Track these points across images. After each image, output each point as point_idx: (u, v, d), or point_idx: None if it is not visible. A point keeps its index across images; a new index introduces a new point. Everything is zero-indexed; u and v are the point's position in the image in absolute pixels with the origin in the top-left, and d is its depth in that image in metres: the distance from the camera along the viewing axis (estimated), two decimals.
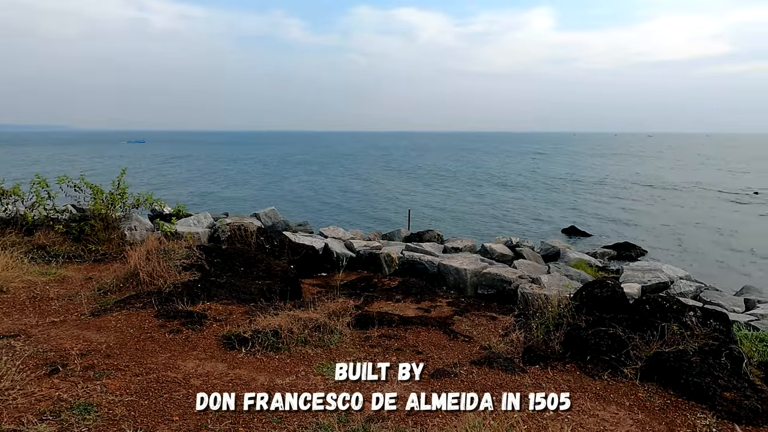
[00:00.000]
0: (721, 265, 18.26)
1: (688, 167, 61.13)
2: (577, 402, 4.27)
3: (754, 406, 4.14)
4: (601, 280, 6.21)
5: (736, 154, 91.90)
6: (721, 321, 5.33)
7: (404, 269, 10.26)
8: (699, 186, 41.14)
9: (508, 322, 6.53)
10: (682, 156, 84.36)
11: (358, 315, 6.23)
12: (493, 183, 44.64)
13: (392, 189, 40.50)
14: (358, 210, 30.46)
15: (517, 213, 29.39)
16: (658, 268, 12.67)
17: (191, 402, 3.94)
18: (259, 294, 7.00)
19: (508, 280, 8.80)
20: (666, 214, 28.49)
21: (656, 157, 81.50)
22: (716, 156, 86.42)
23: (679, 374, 4.49)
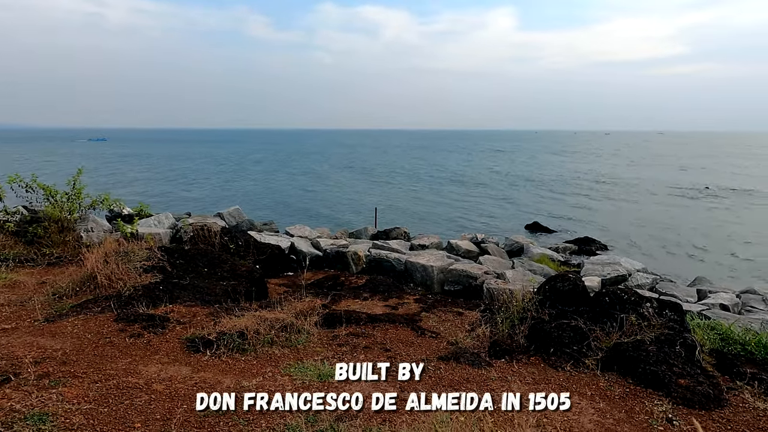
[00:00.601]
0: (674, 258, 19.06)
1: (643, 164, 63.43)
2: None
3: (706, 391, 4.34)
4: (563, 274, 6.37)
5: (687, 151, 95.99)
6: (675, 311, 5.55)
7: (371, 267, 10.26)
8: (653, 182, 42.78)
9: (474, 317, 6.62)
10: (637, 153, 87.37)
11: (326, 314, 6.19)
12: (455, 181, 45.16)
13: (355, 188, 40.46)
14: (323, 209, 30.29)
15: (481, 210, 29.84)
16: (616, 261, 13.10)
17: (153, 408, 3.83)
18: (223, 295, 6.87)
19: (474, 276, 8.92)
20: (623, 209, 29.51)
21: (613, 155, 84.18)
22: (669, 153, 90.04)
23: (637, 363, 4.66)
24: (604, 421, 3.94)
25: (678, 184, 41.05)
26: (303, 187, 40.10)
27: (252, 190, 38.84)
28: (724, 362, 5.03)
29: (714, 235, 22.59)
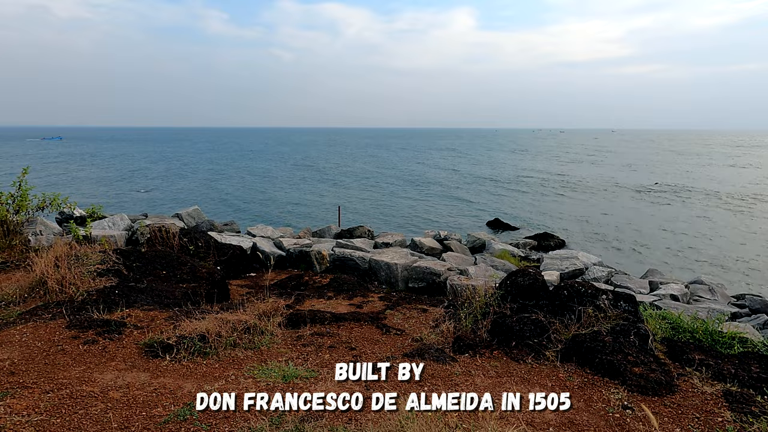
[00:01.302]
0: (628, 251, 19.83)
1: (595, 162, 65.62)
2: (504, 386, 4.47)
3: (658, 378, 4.53)
4: (524, 269, 6.53)
5: (637, 149, 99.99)
6: (629, 302, 5.78)
7: (336, 266, 10.22)
8: (606, 180, 44.36)
9: (438, 313, 6.69)
10: (590, 151, 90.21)
11: (290, 314, 6.13)
12: (413, 180, 45.51)
13: (314, 187, 40.20)
14: (283, 208, 29.95)
15: (442, 208, 30.20)
16: (574, 255, 13.52)
17: (110, 417, 3.70)
18: (183, 298, 6.69)
19: (437, 272, 9.01)
20: (578, 206, 30.47)
21: (567, 153, 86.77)
22: (620, 151, 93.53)
23: (595, 354, 4.82)
24: (563, 410, 4.06)
25: (628, 181, 42.72)
26: (262, 187, 39.50)
27: (209, 190, 37.94)
28: (674, 350, 5.27)
29: (662, 230, 23.63)
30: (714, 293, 12.09)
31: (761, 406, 4.08)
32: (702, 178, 44.96)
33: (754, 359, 5.03)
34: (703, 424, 3.91)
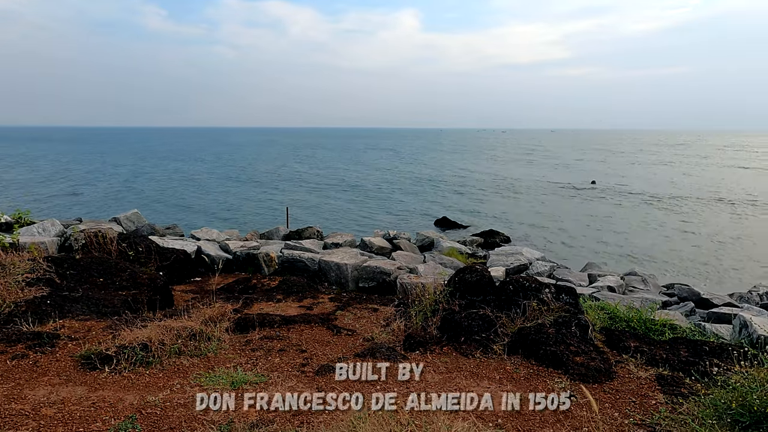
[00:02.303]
0: (568, 246, 20.73)
1: (534, 162, 68.13)
2: (454, 381, 4.55)
3: (598, 366, 4.76)
4: (471, 266, 6.67)
5: (576, 149, 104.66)
6: (571, 295, 6.04)
7: (285, 268, 10.05)
8: (546, 179, 46.18)
9: (389, 312, 6.73)
10: (528, 151, 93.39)
11: (238, 319, 5.98)
12: (357, 182, 45.63)
13: (257, 188, 39.48)
14: (228, 210, 29.20)
15: (389, 207, 30.42)
16: (518, 251, 13.97)
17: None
18: (123, 306, 6.37)
19: (387, 271, 9.06)
20: (521, 204, 31.53)
21: (507, 153, 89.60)
22: (559, 151, 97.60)
23: (539, 345, 5.01)
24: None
25: (565, 180, 44.66)
26: (201, 189, 38.15)
27: (153, 191, 36.38)
28: (612, 338, 5.55)
29: (599, 226, 24.86)
30: (647, 284, 12.84)
31: (690, 388, 4.37)
32: (632, 176, 47.68)
33: (683, 344, 5.38)
34: (638, 407, 4.15)
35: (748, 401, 3.39)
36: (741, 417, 3.37)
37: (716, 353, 5.03)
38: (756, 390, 3.41)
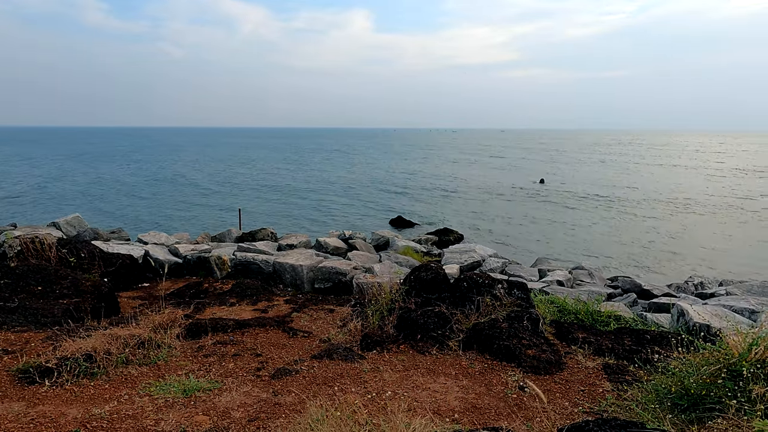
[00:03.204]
0: (519, 242, 21.33)
1: (485, 162, 69.75)
2: (412, 378, 4.59)
3: (549, 358, 4.93)
4: (426, 264, 6.75)
5: (523, 148, 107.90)
6: (522, 290, 6.22)
7: (238, 271, 9.83)
8: (495, 178, 47.37)
9: (345, 312, 6.71)
10: (479, 151, 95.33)
11: (189, 324, 5.80)
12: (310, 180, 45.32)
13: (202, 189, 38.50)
14: (176, 213, 28.26)
15: (344, 208, 30.35)
16: (472, 249, 14.25)
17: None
18: (64, 315, 6.04)
19: (343, 272, 9.02)
20: (472, 204, 32.19)
21: (461, 153, 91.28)
22: (508, 151, 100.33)
23: (493, 340, 5.13)
24: (467, 396, 4.26)
25: (516, 178, 45.96)
26: (149, 191, 36.77)
27: (88, 196, 34.63)
28: (561, 330, 5.76)
29: (547, 222, 25.73)
30: (593, 277, 13.40)
31: (633, 375, 4.59)
32: (576, 174, 49.65)
33: (627, 333, 5.65)
34: (587, 396, 4.32)
35: (685, 385, 3.59)
36: (680, 400, 3.57)
37: (657, 341, 5.32)
38: (692, 374, 3.63)
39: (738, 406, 3.09)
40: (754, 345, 3.44)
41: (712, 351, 3.69)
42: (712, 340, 4.31)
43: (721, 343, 3.69)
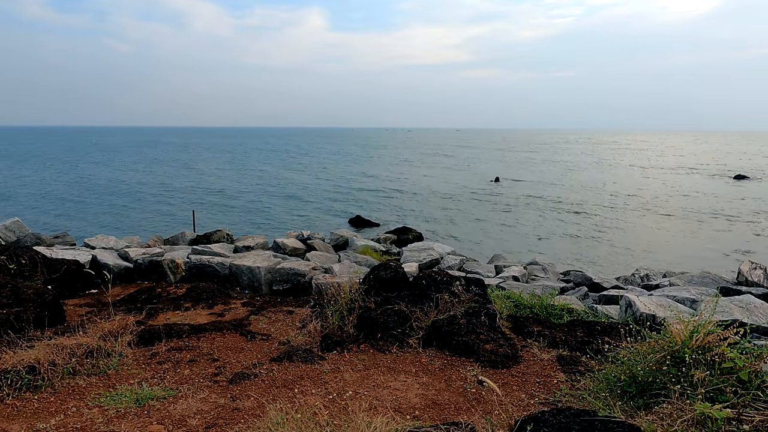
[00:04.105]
0: (476, 239, 21.75)
1: (439, 162, 70.70)
2: (372, 378, 4.60)
3: (506, 352, 5.05)
4: (385, 263, 6.77)
5: (478, 147, 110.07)
6: (479, 286, 6.34)
7: (193, 274, 9.55)
8: (450, 179, 48.14)
9: (305, 313, 6.65)
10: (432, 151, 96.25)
11: (141, 331, 5.59)
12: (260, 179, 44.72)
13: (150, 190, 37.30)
14: (125, 216, 27.20)
15: (300, 208, 30.07)
16: (430, 247, 14.41)
17: None
18: (4, 326, 5.70)
19: (302, 273, 8.93)
20: (431, 203, 32.55)
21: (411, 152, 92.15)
22: (463, 150, 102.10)
23: (452, 336, 5.20)
24: (427, 393, 4.31)
25: (472, 177, 46.85)
26: (85, 195, 34.96)
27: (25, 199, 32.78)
28: (517, 324, 5.91)
29: (502, 219, 26.35)
30: (546, 272, 13.81)
31: (586, 365, 4.77)
32: (528, 172, 51.12)
33: (579, 326, 5.86)
34: (542, 387, 4.45)
35: (633, 373, 3.76)
36: (629, 387, 3.74)
37: (607, 332, 5.54)
38: (640, 362, 3.80)
39: (681, 390, 3.26)
40: (695, 333, 3.64)
41: (658, 339, 3.88)
42: (657, 329, 4.53)
43: (666, 331, 3.88)
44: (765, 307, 6.44)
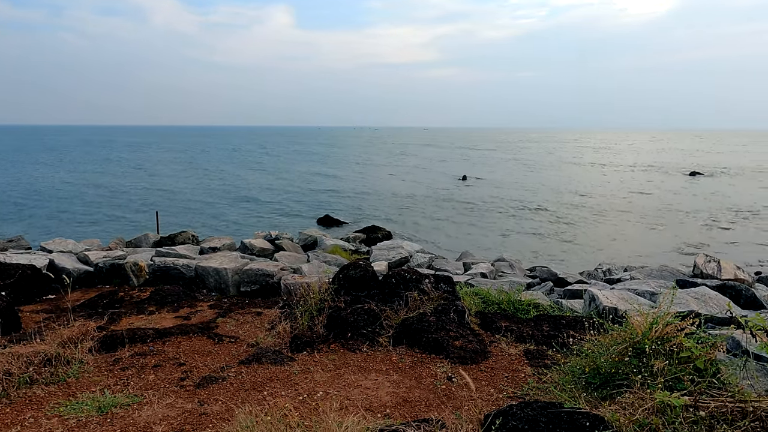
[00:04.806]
0: (444, 238, 21.95)
1: (405, 162, 71.12)
2: (343, 377, 4.59)
3: (475, 348, 5.12)
4: (355, 262, 6.76)
5: (446, 146, 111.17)
6: (448, 283, 6.41)
7: (157, 277, 9.30)
8: (421, 178, 48.49)
9: (273, 315, 6.57)
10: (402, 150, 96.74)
11: (103, 336, 5.42)
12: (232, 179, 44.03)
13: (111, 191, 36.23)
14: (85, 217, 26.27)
15: (265, 209, 29.70)
16: (399, 245, 14.46)
17: None
18: None
19: (270, 273, 8.82)
20: (399, 202, 32.68)
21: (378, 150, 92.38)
22: (431, 149, 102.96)
23: (422, 334, 5.24)
24: (398, 391, 4.33)
25: (439, 175, 47.32)
26: (42, 196, 33.53)
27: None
28: (486, 320, 6.00)
29: (471, 216, 26.70)
30: (513, 268, 14.07)
31: (552, 358, 4.89)
32: (493, 171, 52.01)
33: (545, 320, 6.00)
34: (511, 381, 4.54)
35: (597, 365, 3.88)
36: (593, 379, 3.85)
37: (572, 325, 5.69)
38: (603, 354, 3.92)
39: (642, 380, 3.38)
40: (654, 324, 3.77)
41: (620, 332, 4.01)
42: (619, 322, 4.69)
43: (627, 324, 4.01)
44: (719, 299, 6.74)
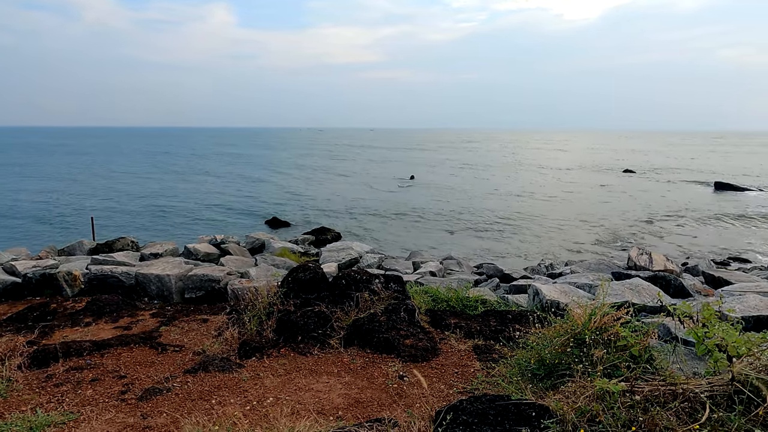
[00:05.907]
0: (394, 238, 22.12)
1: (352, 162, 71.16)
2: (294, 382, 4.52)
3: (425, 345, 5.19)
4: (304, 264, 6.68)
5: (393, 147, 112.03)
6: (398, 283, 6.45)
7: (93, 286, 8.80)
8: (369, 178, 48.64)
9: (220, 321, 6.38)
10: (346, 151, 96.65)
11: (34, 352, 5.08)
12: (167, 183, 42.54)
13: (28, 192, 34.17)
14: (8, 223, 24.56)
15: (211, 211, 28.88)
16: (349, 246, 14.44)
17: None
18: None
19: (216, 278, 8.56)
20: (348, 203, 32.64)
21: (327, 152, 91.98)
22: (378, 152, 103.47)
23: (373, 334, 5.25)
24: (350, 392, 4.32)
25: (386, 176, 47.65)
26: None
27: None
28: (436, 318, 6.09)
29: (418, 215, 27.04)
30: (461, 265, 14.38)
31: (499, 352, 5.03)
32: (439, 171, 52.99)
33: (492, 315, 6.16)
34: (461, 377, 4.63)
35: (542, 356, 4.02)
36: (538, 370, 3.99)
37: (518, 319, 5.87)
38: (547, 346, 4.08)
39: (583, 369, 3.53)
40: (593, 315, 3.96)
41: (562, 324, 4.18)
42: (561, 315, 4.88)
43: (568, 316, 4.19)
44: (651, 289, 7.16)
